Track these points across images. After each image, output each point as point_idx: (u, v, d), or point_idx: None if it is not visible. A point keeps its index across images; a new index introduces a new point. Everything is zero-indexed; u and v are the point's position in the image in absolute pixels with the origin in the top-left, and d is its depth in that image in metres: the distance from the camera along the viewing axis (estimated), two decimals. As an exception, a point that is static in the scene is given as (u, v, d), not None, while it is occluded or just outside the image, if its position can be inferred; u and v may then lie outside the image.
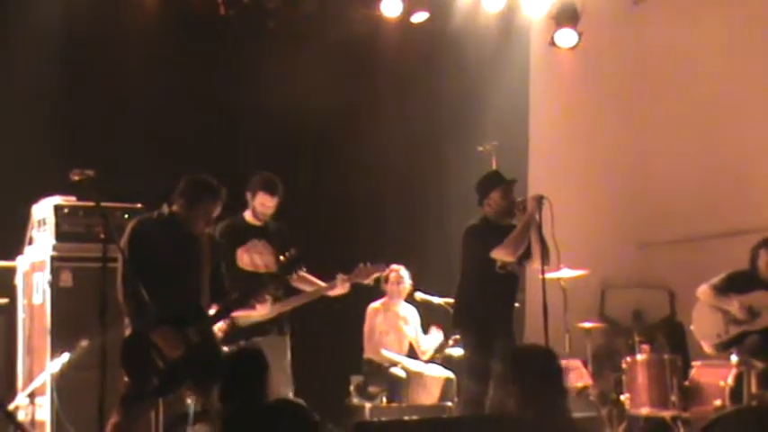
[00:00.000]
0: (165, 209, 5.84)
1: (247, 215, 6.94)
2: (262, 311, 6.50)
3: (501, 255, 6.62)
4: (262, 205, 6.86)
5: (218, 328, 6.57)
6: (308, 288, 6.89)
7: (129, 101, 8.23)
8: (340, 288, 6.88)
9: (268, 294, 6.28)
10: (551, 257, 6.80)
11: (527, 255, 6.80)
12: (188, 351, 5.54)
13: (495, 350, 6.61)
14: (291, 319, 6.98)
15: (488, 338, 6.62)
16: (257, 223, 6.94)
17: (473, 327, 6.73)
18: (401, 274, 8.20)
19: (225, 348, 6.54)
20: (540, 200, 6.67)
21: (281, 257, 6.15)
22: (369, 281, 6.84)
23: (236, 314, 6.42)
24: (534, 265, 6.83)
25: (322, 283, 6.90)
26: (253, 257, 6.87)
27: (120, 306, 5.61)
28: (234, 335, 6.64)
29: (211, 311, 5.85)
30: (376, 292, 8.24)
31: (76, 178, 6.43)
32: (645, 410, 8.25)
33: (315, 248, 6.91)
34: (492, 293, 6.71)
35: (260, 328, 6.78)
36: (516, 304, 7.18)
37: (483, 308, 6.68)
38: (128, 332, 5.66)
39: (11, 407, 6.47)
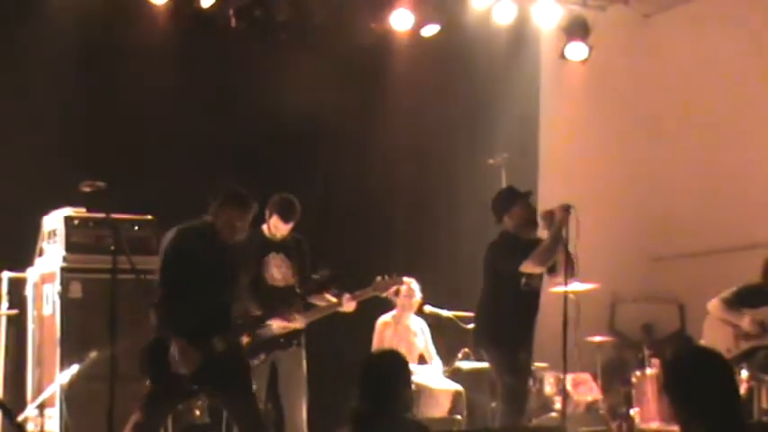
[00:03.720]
0: (207, 218, 5.83)
1: (265, 229, 6.93)
2: (298, 324, 6.58)
3: (531, 267, 6.55)
4: (275, 227, 6.87)
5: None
6: (321, 303, 6.92)
7: (140, 112, 8.24)
8: (346, 306, 6.89)
9: (296, 311, 6.44)
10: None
11: (552, 267, 6.73)
12: (208, 360, 5.51)
13: (520, 366, 6.58)
14: (304, 332, 6.97)
15: (514, 354, 6.58)
16: (274, 237, 6.95)
17: (500, 345, 6.63)
18: (412, 288, 8.18)
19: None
20: (568, 209, 6.60)
21: (315, 276, 6.21)
22: (386, 294, 6.85)
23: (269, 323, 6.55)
24: (557, 278, 6.77)
25: (333, 300, 6.91)
26: (271, 271, 6.87)
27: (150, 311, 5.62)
28: (255, 347, 6.64)
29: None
30: (385, 303, 8.23)
31: (87, 190, 6.47)
32: (655, 425, 8.23)
33: (326, 260, 6.93)
34: (517, 310, 6.64)
35: (279, 340, 6.79)
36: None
37: (509, 325, 6.61)
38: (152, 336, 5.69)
39: (20, 418, 6.47)
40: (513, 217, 6.75)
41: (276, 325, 6.68)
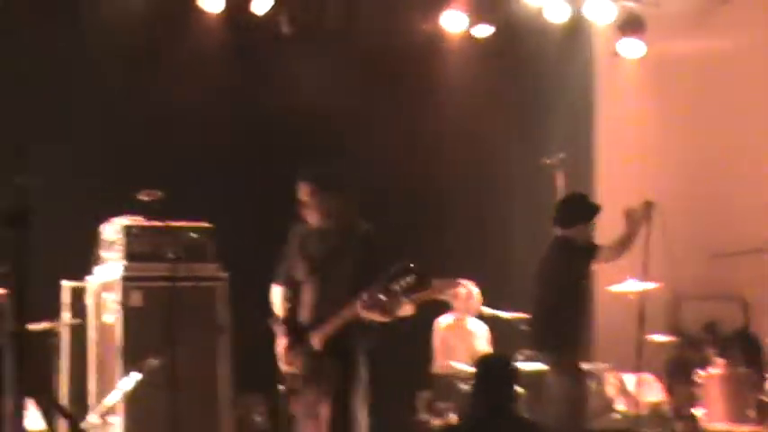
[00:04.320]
0: None
1: None
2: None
3: (605, 260, 6.56)
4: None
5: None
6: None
7: (196, 119, 8.30)
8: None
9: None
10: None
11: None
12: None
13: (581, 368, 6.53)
14: None
15: (576, 357, 6.53)
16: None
17: (565, 347, 6.58)
18: (471, 290, 8.15)
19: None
20: (650, 206, 6.59)
21: None
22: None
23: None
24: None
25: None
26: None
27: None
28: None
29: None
30: (438, 306, 8.21)
31: (145, 199, 6.53)
32: (721, 426, 8.09)
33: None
34: (579, 312, 6.60)
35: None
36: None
37: (574, 328, 6.56)
38: None
39: (83, 426, 6.52)
40: (577, 232, 6.71)
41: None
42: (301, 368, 5.88)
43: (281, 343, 6.01)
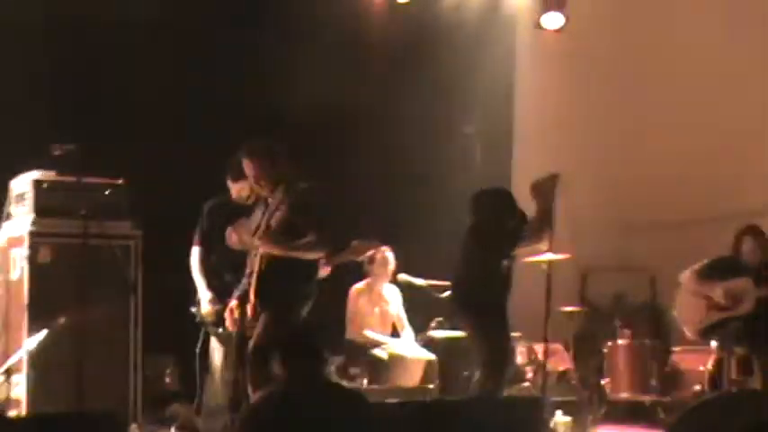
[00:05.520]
0: None
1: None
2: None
3: (532, 245, 6.58)
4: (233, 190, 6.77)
5: (212, 309, 6.51)
6: None
7: (111, 72, 8.13)
8: (321, 271, 6.76)
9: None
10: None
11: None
12: None
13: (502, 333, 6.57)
14: None
15: (499, 321, 6.56)
16: (244, 202, 6.83)
17: (486, 312, 6.60)
18: (387, 256, 8.15)
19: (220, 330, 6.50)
20: (555, 178, 6.59)
21: None
22: (361, 258, 6.72)
23: None
24: (542, 246, 6.77)
25: None
26: (241, 236, 6.75)
27: None
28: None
29: None
30: (357, 272, 8.21)
31: (57, 153, 6.36)
32: (625, 395, 8.29)
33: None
34: (502, 277, 6.62)
35: None
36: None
37: (494, 296, 6.59)
38: None
39: (-13, 383, 6.39)
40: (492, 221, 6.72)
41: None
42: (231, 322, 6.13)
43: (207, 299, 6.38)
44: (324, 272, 6.77)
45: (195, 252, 6.76)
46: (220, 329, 6.53)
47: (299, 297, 6.12)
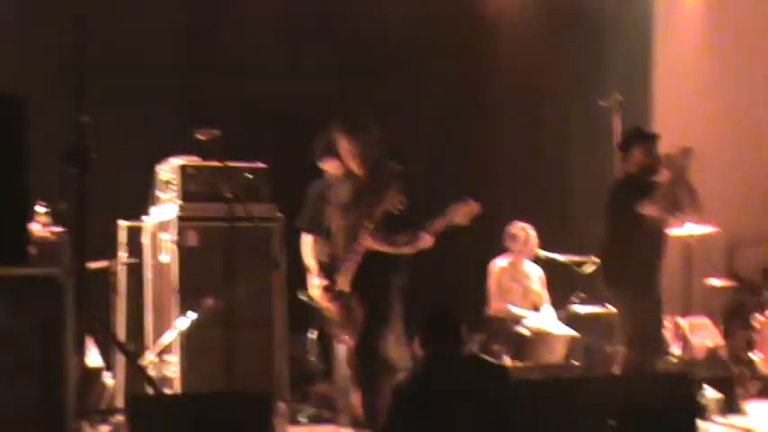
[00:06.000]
0: None
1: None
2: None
3: (650, 209, 6.44)
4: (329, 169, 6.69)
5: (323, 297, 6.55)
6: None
7: (249, 61, 8.26)
8: (424, 242, 6.35)
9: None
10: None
11: (676, 206, 6.60)
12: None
13: (647, 307, 6.45)
14: None
15: (643, 295, 6.45)
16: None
17: (629, 285, 6.52)
18: (529, 233, 8.11)
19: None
20: (688, 152, 6.45)
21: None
22: (462, 220, 6.54)
23: None
24: (682, 217, 6.65)
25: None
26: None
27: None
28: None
29: None
30: (497, 249, 8.18)
31: (202, 138, 6.53)
32: (778, 369, 8.05)
33: (429, 203, 6.81)
34: (643, 251, 6.51)
35: None
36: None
37: (637, 266, 6.49)
38: None
39: (141, 363, 6.61)
40: (632, 158, 6.65)
41: None
42: (335, 311, 6.22)
43: (317, 285, 6.40)
44: (426, 243, 6.64)
45: (307, 239, 6.75)
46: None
47: (393, 289, 6.13)
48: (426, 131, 8.90)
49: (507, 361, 7.80)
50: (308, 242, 6.72)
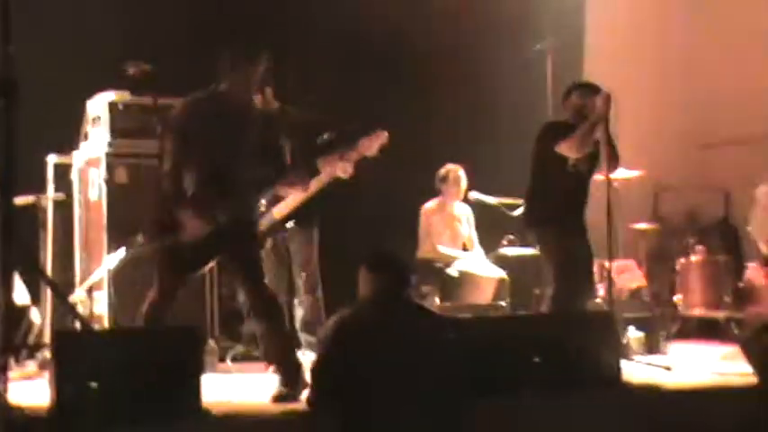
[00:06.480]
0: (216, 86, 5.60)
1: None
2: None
3: (565, 150, 6.48)
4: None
5: None
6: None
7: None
8: (341, 169, 6.51)
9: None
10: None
11: (595, 157, 6.66)
12: (214, 230, 5.43)
13: (570, 249, 6.54)
14: (319, 213, 6.81)
15: (565, 235, 6.54)
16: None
17: (550, 225, 6.59)
18: (459, 175, 8.16)
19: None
20: (607, 98, 6.48)
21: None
22: (373, 152, 6.59)
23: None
24: (600, 171, 6.69)
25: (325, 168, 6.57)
26: None
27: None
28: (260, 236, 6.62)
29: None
30: (429, 192, 8.23)
31: (132, 72, 6.42)
32: (698, 311, 8.26)
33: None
34: (564, 191, 6.59)
35: (282, 225, 6.68)
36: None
37: (558, 206, 6.56)
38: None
39: (69, 300, 6.56)
40: (568, 104, 6.68)
41: (275, 210, 6.64)
42: None
43: None
44: (345, 173, 6.56)
45: None
46: None
47: None
48: (362, 77, 8.86)
49: (436, 301, 7.91)
50: None
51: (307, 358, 6.00)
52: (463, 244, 8.33)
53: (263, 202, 6.56)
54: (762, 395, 5.41)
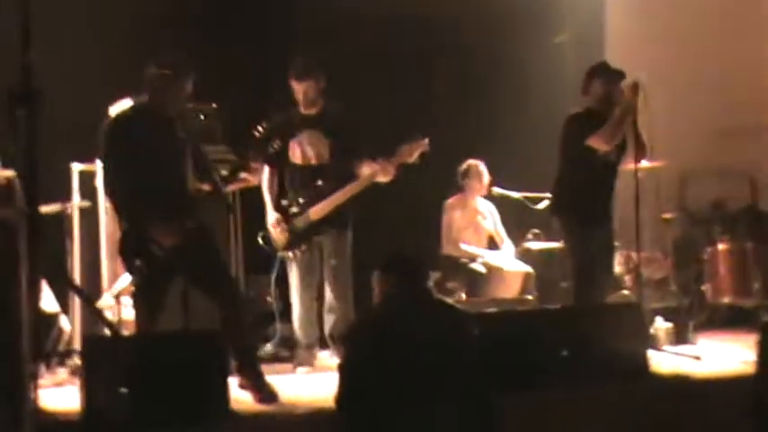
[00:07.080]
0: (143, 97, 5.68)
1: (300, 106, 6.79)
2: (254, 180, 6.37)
3: (597, 143, 6.45)
4: (297, 93, 6.70)
5: (278, 231, 6.62)
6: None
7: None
8: (382, 174, 6.61)
9: (254, 163, 6.19)
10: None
11: (623, 147, 6.63)
12: (184, 238, 5.49)
13: (594, 239, 6.52)
14: (353, 216, 6.84)
15: (589, 227, 6.52)
16: (310, 112, 6.78)
17: (574, 216, 6.57)
18: (481, 170, 8.15)
19: (290, 253, 6.62)
20: (635, 87, 6.45)
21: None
22: (413, 159, 6.64)
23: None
24: (628, 160, 6.67)
25: (366, 172, 6.67)
26: (304, 149, 6.79)
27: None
28: (294, 238, 6.66)
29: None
30: (452, 187, 8.23)
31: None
32: (727, 300, 8.21)
33: (386, 139, 6.84)
34: (593, 181, 6.56)
35: (317, 227, 6.73)
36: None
37: (584, 198, 6.54)
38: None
39: (97, 306, 6.60)
40: (591, 92, 6.64)
41: (312, 211, 6.66)
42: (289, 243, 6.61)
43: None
44: (386, 176, 6.65)
45: (265, 171, 6.80)
46: (290, 253, 6.68)
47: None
48: (385, 70, 8.87)
49: (462, 297, 7.91)
50: (265, 174, 6.77)
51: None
52: (491, 239, 8.31)
53: (300, 201, 6.60)
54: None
